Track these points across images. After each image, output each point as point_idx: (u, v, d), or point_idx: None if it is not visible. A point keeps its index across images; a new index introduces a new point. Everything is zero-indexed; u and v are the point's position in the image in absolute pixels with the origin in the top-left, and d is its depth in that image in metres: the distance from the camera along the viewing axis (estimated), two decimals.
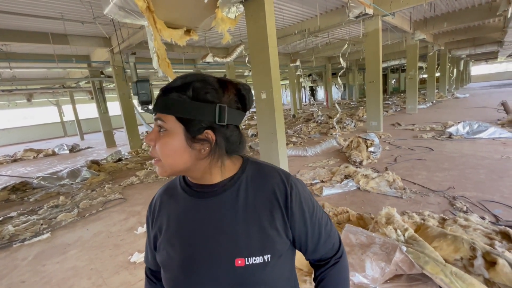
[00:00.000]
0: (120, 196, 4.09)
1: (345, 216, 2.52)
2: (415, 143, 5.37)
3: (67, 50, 7.08)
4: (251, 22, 3.65)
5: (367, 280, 1.60)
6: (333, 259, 0.65)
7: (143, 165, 5.96)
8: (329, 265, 0.65)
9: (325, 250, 0.64)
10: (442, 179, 3.36)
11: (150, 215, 0.65)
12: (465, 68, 25.14)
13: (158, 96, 0.53)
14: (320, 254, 0.64)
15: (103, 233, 2.97)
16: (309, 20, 7.06)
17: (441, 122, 6.94)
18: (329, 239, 0.64)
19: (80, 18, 5.15)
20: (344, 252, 0.68)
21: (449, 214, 2.49)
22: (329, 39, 9.18)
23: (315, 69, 17.99)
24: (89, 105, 16.40)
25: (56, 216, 3.52)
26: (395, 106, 12.36)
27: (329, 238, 0.63)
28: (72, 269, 2.33)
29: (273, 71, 3.60)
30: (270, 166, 0.62)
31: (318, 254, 0.64)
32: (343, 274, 0.66)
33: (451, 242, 1.81)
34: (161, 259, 0.59)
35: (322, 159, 4.88)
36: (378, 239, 1.77)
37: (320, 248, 0.62)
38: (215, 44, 8.74)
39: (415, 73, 9.55)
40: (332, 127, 8.03)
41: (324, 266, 0.65)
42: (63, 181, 5.18)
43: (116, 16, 3.37)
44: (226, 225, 0.56)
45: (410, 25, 8.15)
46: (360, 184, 3.36)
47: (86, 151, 9.65)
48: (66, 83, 11.41)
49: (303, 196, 0.58)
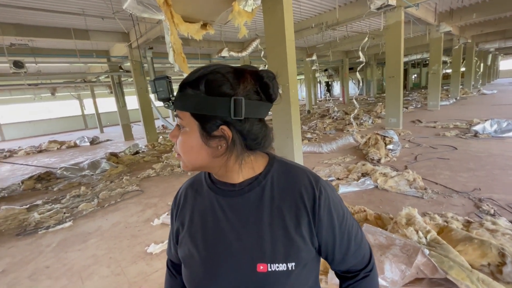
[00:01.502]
0: (137, 188, 4.20)
1: (362, 215, 2.45)
2: (437, 141, 5.13)
3: (88, 45, 7.31)
4: (268, 15, 3.58)
5: (385, 282, 1.55)
6: (363, 272, 0.59)
7: (159, 158, 6.09)
8: (357, 278, 0.59)
9: (354, 261, 0.59)
10: (467, 180, 3.19)
11: (175, 208, 0.65)
12: (493, 62, 23.71)
13: (177, 92, 0.52)
14: (348, 265, 0.59)
15: (121, 223, 3.07)
16: (327, 13, 6.85)
17: (465, 120, 6.59)
18: (359, 250, 0.58)
19: (100, 14, 5.28)
20: (374, 266, 0.62)
21: (474, 217, 2.36)
22: (348, 33, 8.89)
23: (331, 64, 17.58)
24: (108, 99, 16.94)
25: (77, 206, 3.67)
26: (416, 102, 11.88)
27: (359, 249, 0.58)
28: (92, 257, 2.42)
29: (290, 65, 3.53)
30: (298, 166, 0.58)
31: (346, 265, 0.59)
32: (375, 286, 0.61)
33: (478, 247, 1.72)
34: (182, 255, 0.59)
35: (338, 156, 4.78)
36: (398, 240, 1.70)
37: (349, 259, 0.58)
38: (231, 39, 8.71)
39: (438, 67, 9.09)
40: (348, 123, 7.84)
41: (352, 278, 0.60)
42: (84, 172, 5.39)
43: (134, 10, 3.41)
44: (249, 227, 0.53)
45: (435, 17, 7.73)
46: (378, 182, 3.25)
47: (105, 143, 9.99)
48: (87, 78, 11.82)
49: (333, 201, 0.54)
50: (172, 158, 5.79)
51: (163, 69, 11.59)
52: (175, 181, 4.42)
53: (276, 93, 0.53)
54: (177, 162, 5.48)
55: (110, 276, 2.11)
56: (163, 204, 3.46)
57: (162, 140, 8.33)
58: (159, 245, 2.44)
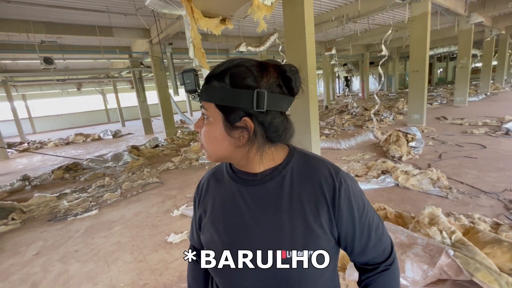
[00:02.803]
0: (157, 180, 4.35)
1: (382, 213, 2.39)
2: (464, 139, 4.87)
3: (111, 42, 7.57)
4: (288, 8, 3.53)
5: (406, 281, 1.51)
6: (383, 265, 0.59)
7: (178, 152, 6.25)
8: (377, 270, 0.59)
9: (374, 254, 0.58)
10: (496, 180, 3.02)
11: (197, 196, 0.67)
12: None
13: (203, 84, 0.54)
14: (368, 258, 0.59)
15: (142, 213, 3.20)
16: (348, 5, 6.64)
17: (496, 117, 6.20)
18: (380, 243, 0.58)
19: (123, 11, 5.44)
20: (396, 259, 0.61)
21: (504, 219, 2.23)
22: (369, 25, 8.57)
23: (351, 58, 17.05)
24: (129, 94, 17.52)
25: (102, 195, 3.86)
26: (441, 98, 11.29)
27: (380, 242, 0.58)
28: (117, 244, 2.55)
29: (309, 59, 3.48)
30: (318, 158, 0.59)
31: (365, 257, 0.59)
32: (393, 283, 0.60)
33: (508, 250, 1.63)
34: (205, 240, 0.61)
35: (356, 153, 4.67)
36: (420, 240, 1.65)
37: (369, 251, 0.57)
38: (249, 33, 8.68)
39: (467, 61, 8.57)
40: (368, 119, 7.61)
41: (371, 271, 0.60)
42: (107, 163, 5.64)
43: (156, 6, 3.49)
44: (269, 215, 0.55)
45: (465, 7, 7.26)
46: (399, 180, 3.15)
47: (127, 137, 10.39)
48: (110, 73, 12.27)
49: (353, 192, 0.54)
50: (190, 152, 5.92)
51: (182, 65, 11.79)
52: (193, 174, 4.52)
53: (298, 87, 0.53)
54: (195, 155, 5.60)
55: (133, 262, 2.22)
56: (181, 196, 3.57)
57: (181, 134, 8.53)
58: (179, 235, 2.53)
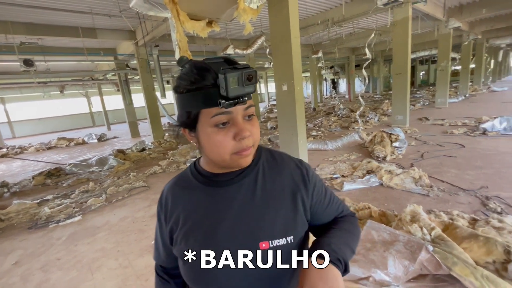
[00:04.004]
0: (144, 184, 4.27)
1: (366, 212, 2.45)
2: (445, 139, 5.07)
3: (95, 43, 7.40)
4: (273, 12, 3.58)
5: (389, 277, 1.56)
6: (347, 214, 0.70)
7: (166, 155, 6.16)
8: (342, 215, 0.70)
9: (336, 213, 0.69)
10: (474, 178, 3.16)
11: (162, 210, 0.64)
12: (504, 59, 23.12)
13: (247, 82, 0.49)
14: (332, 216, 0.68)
15: (128, 218, 3.13)
16: (333, 9, 6.79)
17: (474, 117, 6.48)
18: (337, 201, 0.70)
19: (107, 12, 5.34)
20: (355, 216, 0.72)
21: (481, 214, 2.34)
22: (354, 29, 8.80)
23: (337, 61, 17.41)
24: (115, 97, 17.13)
25: (86, 201, 3.75)
26: (423, 99, 11.70)
27: (337, 201, 0.69)
28: (101, 250, 2.49)
29: (295, 62, 3.53)
30: (281, 153, 0.67)
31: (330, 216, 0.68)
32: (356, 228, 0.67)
33: (483, 244, 1.71)
34: (181, 252, 0.58)
35: (343, 153, 4.76)
36: (402, 236, 1.71)
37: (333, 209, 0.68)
38: (236, 36, 8.71)
39: (447, 64, 8.93)
40: (354, 120, 7.78)
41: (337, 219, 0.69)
42: (92, 168, 5.49)
43: (141, 8, 3.45)
44: (247, 211, 0.57)
45: (444, 12, 7.57)
46: (383, 180, 3.24)
47: (112, 140, 10.15)
48: (95, 76, 11.98)
49: (314, 173, 0.66)
50: (178, 155, 5.85)
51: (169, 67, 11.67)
52: None
53: None
54: (182, 159, 5.55)
55: (118, 269, 2.17)
56: None
57: (168, 137, 8.42)
58: None
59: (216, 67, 0.50)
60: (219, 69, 0.49)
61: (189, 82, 0.51)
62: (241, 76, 0.47)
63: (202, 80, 0.49)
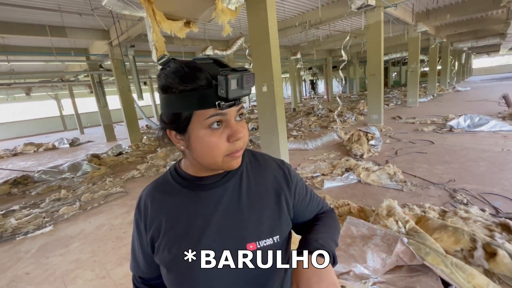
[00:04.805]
0: (121, 190, 4.11)
1: (346, 209, 2.53)
2: (416, 136, 5.36)
3: (65, 43, 7.01)
4: (252, 13, 3.59)
5: (368, 271, 1.62)
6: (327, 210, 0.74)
7: (144, 158, 5.97)
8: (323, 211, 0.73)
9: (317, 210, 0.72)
10: (442, 172, 3.37)
11: (141, 217, 0.60)
12: (467, 61, 24.94)
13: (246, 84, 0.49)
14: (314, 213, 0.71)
15: (105, 226, 2.99)
16: (310, 12, 6.95)
17: (442, 116, 6.92)
18: (318, 198, 0.73)
19: (78, 10, 5.08)
20: (334, 211, 0.76)
21: (449, 206, 2.50)
22: (330, 32, 9.07)
23: (315, 62, 17.84)
24: (88, 99, 16.33)
25: (58, 209, 3.54)
26: (396, 99, 12.30)
27: (317, 198, 0.73)
28: (76, 261, 2.35)
29: (274, 64, 3.57)
30: (262, 153, 0.69)
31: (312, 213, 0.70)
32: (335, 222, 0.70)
33: (452, 234, 1.83)
34: (164, 260, 0.55)
35: (323, 152, 4.88)
36: (379, 230, 1.78)
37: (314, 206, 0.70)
38: (215, 37, 8.64)
39: (416, 66, 9.47)
40: (332, 120, 8.01)
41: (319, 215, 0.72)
42: (64, 174, 5.19)
43: (114, 7, 3.33)
44: (234, 213, 0.56)
45: (413, 17, 8.04)
46: (361, 177, 3.36)
47: (86, 145, 9.65)
48: (65, 77, 11.33)
49: (295, 173, 0.68)
50: (157, 158, 5.69)
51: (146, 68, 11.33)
52: None
53: None
54: (162, 162, 5.40)
55: (95, 280, 2.07)
56: None
57: (147, 140, 8.16)
58: None
59: (209, 68, 0.49)
60: (213, 70, 0.48)
61: (180, 82, 0.48)
62: (240, 79, 0.47)
63: (196, 81, 0.47)
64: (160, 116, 0.55)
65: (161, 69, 0.52)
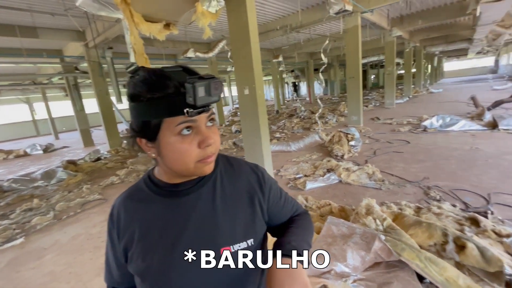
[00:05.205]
0: (100, 197, 3.95)
1: (327, 209, 2.59)
2: (393, 136, 5.59)
3: (37, 44, 6.67)
4: (232, 16, 3.60)
5: (348, 269, 1.66)
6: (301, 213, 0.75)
7: (124, 164, 5.78)
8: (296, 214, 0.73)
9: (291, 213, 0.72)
10: (417, 170, 3.53)
11: (114, 227, 0.60)
12: (439, 64, 26.37)
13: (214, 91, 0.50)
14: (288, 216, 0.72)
15: (82, 235, 2.86)
16: (290, 16, 7.07)
17: (417, 116, 7.26)
18: (292, 201, 0.74)
19: (50, 10, 4.86)
20: (308, 213, 0.76)
21: (424, 203, 2.63)
22: (311, 35, 9.27)
23: (297, 65, 18.15)
24: (63, 102, 15.60)
25: (30, 220, 3.34)
26: (375, 101, 12.77)
27: (291, 200, 0.74)
28: (50, 274, 2.23)
29: (256, 67, 3.59)
30: (237, 158, 0.70)
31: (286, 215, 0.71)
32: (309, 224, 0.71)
33: (426, 229, 1.92)
34: (138, 269, 0.55)
35: (305, 154, 4.97)
36: (358, 229, 1.84)
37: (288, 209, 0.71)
38: (197, 39, 8.56)
39: (393, 69, 9.89)
40: (314, 122, 8.17)
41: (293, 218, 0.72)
42: (37, 183, 4.91)
43: (89, 8, 3.22)
44: (208, 219, 0.57)
45: (388, 22, 8.40)
46: (342, 177, 3.45)
47: (61, 151, 9.20)
48: (37, 79, 10.74)
49: (269, 176, 0.69)
50: (138, 163, 5.53)
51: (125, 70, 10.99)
52: None
53: None
54: (143, 167, 5.26)
55: None
56: None
57: (127, 145, 7.90)
58: None
59: (177, 76, 0.49)
60: (181, 78, 0.49)
61: (148, 90, 0.48)
62: (208, 86, 0.48)
63: (165, 88, 0.48)
64: (130, 124, 0.55)
65: (129, 78, 0.52)
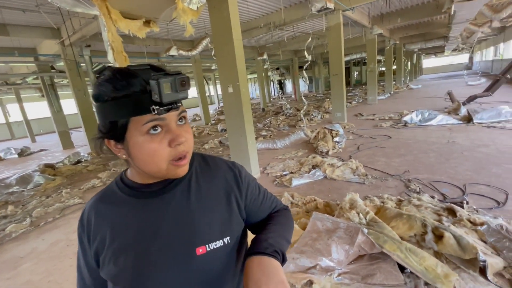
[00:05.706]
0: (80, 201, 3.80)
1: (313, 205, 2.62)
2: (376, 131, 5.74)
3: (7, 42, 6.30)
4: (214, 13, 3.55)
5: (333, 263, 1.69)
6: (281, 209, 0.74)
7: (106, 166, 5.59)
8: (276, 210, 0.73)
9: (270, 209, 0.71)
10: (399, 164, 3.65)
11: (84, 231, 0.57)
12: (418, 61, 27.33)
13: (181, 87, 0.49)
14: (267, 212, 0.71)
15: (61, 241, 2.75)
16: (274, 13, 7.08)
17: (398, 112, 7.49)
18: (271, 197, 0.73)
19: (20, 6, 4.59)
20: (288, 209, 0.76)
21: (404, 195, 2.71)
22: (295, 33, 9.32)
23: (282, 63, 18.23)
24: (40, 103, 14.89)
25: (4, 228, 3.16)
26: (358, 97, 13.05)
27: (270, 196, 0.73)
28: (27, 284, 2.13)
29: (239, 64, 3.56)
30: (213, 156, 0.68)
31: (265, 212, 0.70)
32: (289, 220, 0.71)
33: (406, 221, 1.98)
34: (110, 273, 0.53)
35: (291, 151, 5.00)
36: (342, 223, 1.87)
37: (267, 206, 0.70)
38: (180, 37, 8.40)
39: (374, 66, 10.13)
40: (300, 119, 8.24)
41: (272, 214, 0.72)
42: (11, 188, 4.66)
43: (63, 4, 3.07)
44: (183, 218, 0.56)
45: (369, 20, 8.58)
46: (327, 173, 3.51)
47: (38, 154, 8.78)
48: (10, 79, 10.18)
49: (247, 173, 0.68)
50: (121, 165, 5.36)
51: None
52: None
53: None
54: None
55: None
56: None
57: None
58: None
59: (144, 74, 0.48)
60: (148, 75, 0.47)
61: (113, 89, 0.47)
62: (174, 82, 0.47)
63: (130, 87, 0.47)
64: (98, 126, 0.53)
65: (96, 78, 0.51)
